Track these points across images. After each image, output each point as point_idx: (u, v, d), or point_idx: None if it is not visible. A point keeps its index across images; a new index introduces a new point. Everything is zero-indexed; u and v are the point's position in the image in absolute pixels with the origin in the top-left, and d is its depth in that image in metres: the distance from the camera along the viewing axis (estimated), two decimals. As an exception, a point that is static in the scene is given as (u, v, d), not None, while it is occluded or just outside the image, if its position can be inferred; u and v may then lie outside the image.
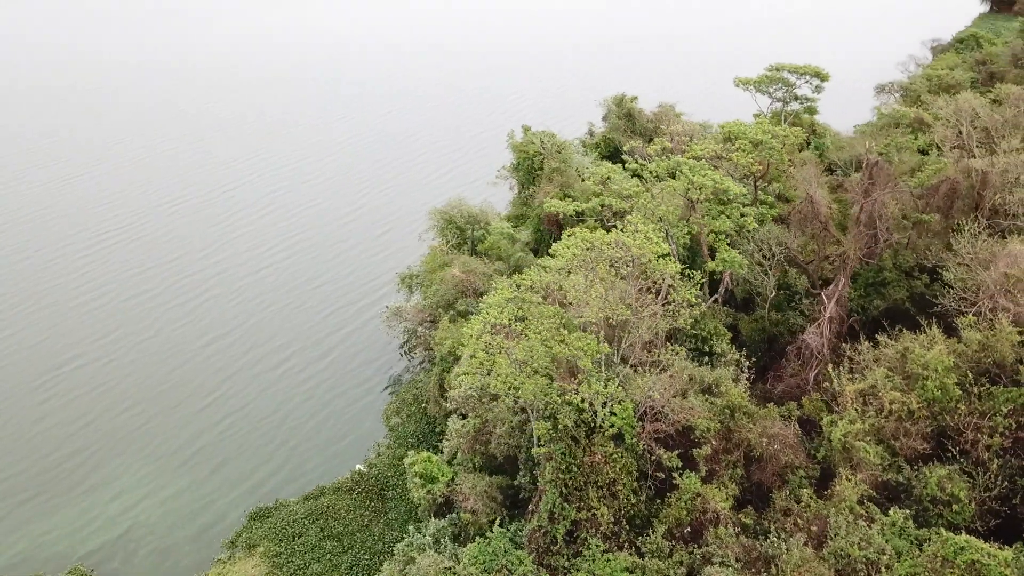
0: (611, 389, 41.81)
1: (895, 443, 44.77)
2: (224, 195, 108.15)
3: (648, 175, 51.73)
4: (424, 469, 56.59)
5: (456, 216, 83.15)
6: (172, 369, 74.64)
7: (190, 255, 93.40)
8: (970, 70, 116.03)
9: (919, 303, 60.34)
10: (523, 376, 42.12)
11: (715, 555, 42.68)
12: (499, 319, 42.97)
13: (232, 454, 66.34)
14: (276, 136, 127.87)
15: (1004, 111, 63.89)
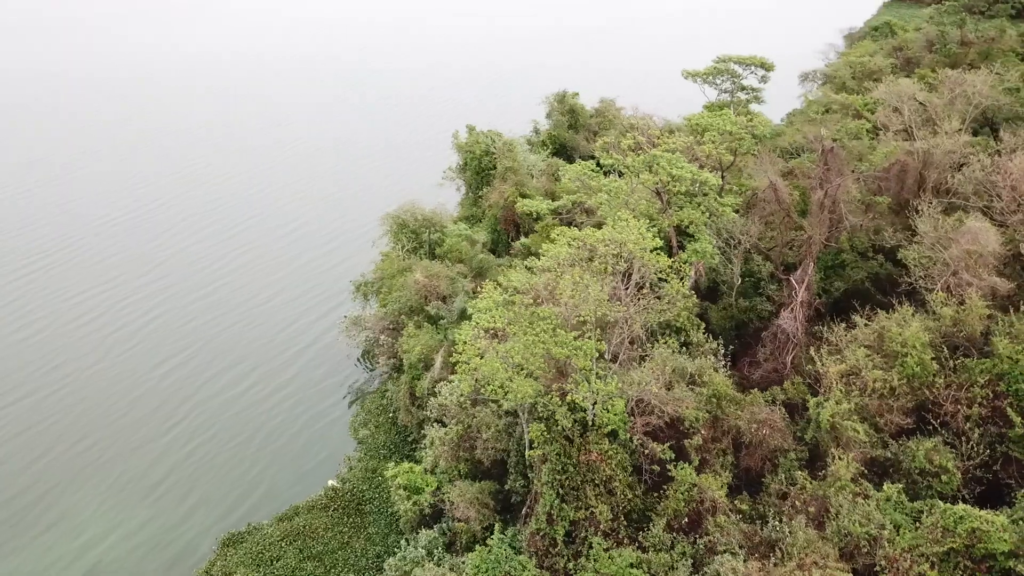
0: (611, 387, 41.62)
1: (879, 420, 46.07)
2: (159, 211, 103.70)
3: (627, 170, 51.80)
4: (408, 480, 55.41)
5: (409, 220, 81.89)
6: (126, 398, 71.01)
7: (130, 276, 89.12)
8: (888, 56, 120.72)
9: (877, 283, 62.46)
10: (520, 379, 41.54)
11: (719, 543, 43.03)
12: (492, 323, 42.24)
13: (198, 480, 63.56)
14: (210, 148, 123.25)
15: (942, 94, 66.57)
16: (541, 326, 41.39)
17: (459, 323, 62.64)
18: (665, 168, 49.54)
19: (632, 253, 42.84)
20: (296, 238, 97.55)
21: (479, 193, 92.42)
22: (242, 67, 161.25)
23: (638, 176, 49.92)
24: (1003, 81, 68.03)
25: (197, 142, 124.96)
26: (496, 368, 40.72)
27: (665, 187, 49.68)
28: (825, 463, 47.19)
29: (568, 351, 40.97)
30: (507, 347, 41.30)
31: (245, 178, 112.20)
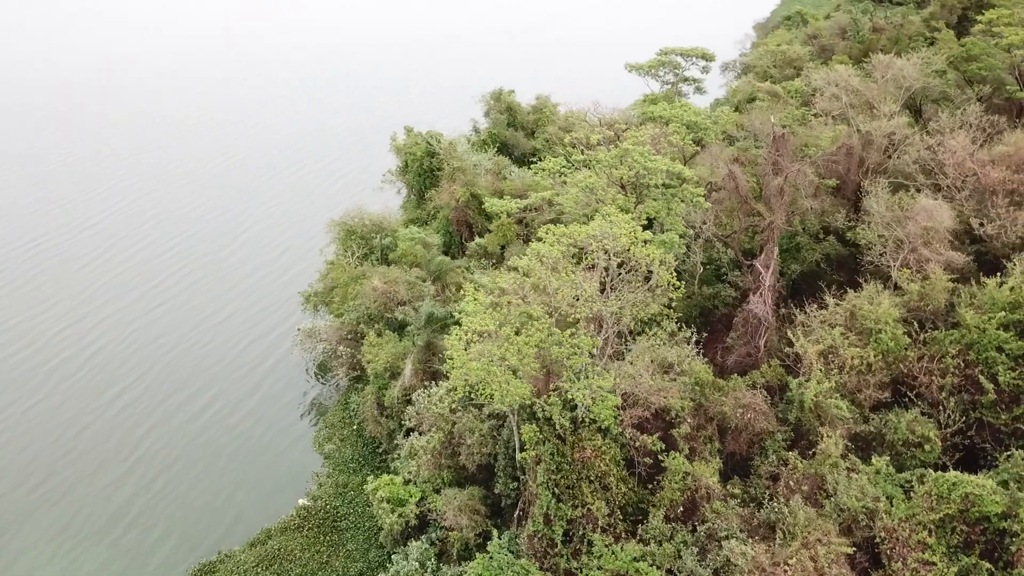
0: (609, 382, 41.44)
1: (859, 396, 47.45)
2: (85, 232, 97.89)
3: (598, 164, 51.69)
4: (390, 493, 54.02)
5: (357, 226, 79.97)
6: (74, 431, 66.80)
7: (60, 303, 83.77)
8: (803, 44, 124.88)
9: (831, 264, 64.46)
10: (516, 381, 40.91)
11: (720, 529, 43.44)
12: (483, 326, 41.44)
13: (160, 512, 60.39)
14: (136, 163, 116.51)
15: (876, 79, 69.14)
16: (536, 326, 40.84)
17: (426, 328, 61.53)
18: (639, 161, 49.77)
19: (623, 247, 42.74)
20: (237, 252, 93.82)
21: (424, 195, 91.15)
22: (163, 75, 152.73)
23: (612, 170, 49.91)
24: (930, 64, 71.20)
25: (120, 157, 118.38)
26: (493, 371, 39.95)
27: (640, 180, 49.86)
28: (810, 442, 48.38)
29: (567, 349, 40.59)
30: (502, 349, 40.56)
31: (175, 193, 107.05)
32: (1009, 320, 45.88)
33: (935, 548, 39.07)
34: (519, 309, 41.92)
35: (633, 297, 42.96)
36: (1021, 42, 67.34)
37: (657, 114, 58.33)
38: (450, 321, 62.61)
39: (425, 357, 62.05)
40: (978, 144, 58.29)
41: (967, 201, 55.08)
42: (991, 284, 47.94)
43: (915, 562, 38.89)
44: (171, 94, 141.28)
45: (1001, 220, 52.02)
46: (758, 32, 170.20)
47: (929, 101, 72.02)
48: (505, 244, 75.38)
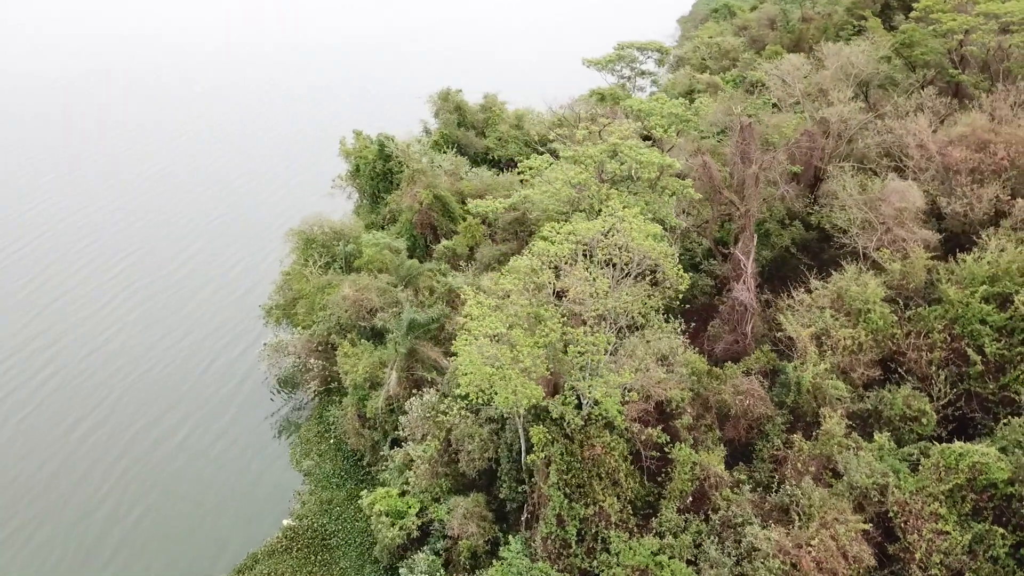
0: (626, 377, 41.21)
1: (852, 375, 48.61)
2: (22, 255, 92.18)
3: (589, 160, 51.32)
4: (388, 506, 52.58)
5: (317, 234, 77.71)
6: (37, 468, 62.76)
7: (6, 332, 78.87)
8: (735, 35, 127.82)
9: (799, 248, 66.02)
10: (530, 383, 40.28)
11: (736, 516, 43.80)
12: (494, 329, 40.61)
13: (140, 546, 57.32)
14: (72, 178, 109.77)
15: (827, 67, 71.12)
16: (549, 325, 40.28)
17: (408, 335, 60.14)
18: (631, 155, 49.70)
19: (634, 241, 42.56)
20: (186, 269, 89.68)
21: (377, 199, 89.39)
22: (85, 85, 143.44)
23: (604, 165, 49.68)
24: (878, 51, 73.67)
25: (46, 174, 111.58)
26: (508, 375, 39.19)
27: (635, 174, 49.84)
28: (806, 424, 49.36)
29: (582, 347, 40.16)
30: (514, 352, 39.84)
31: (111, 209, 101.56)
32: (989, 293, 47.79)
33: (947, 518, 40.33)
34: (526, 310, 41.27)
35: (640, 291, 42.83)
36: (959, 27, 70.37)
37: (636, 108, 58.54)
38: (434, 327, 61.58)
39: (408, 364, 60.73)
40: (933, 127, 60.57)
41: (931, 181, 57.17)
42: (969, 260, 49.88)
43: (930, 532, 40.06)
44: (99, 104, 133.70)
45: (968, 198, 54.11)
46: (682, 26, 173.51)
47: (875, 87, 74.43)
48: (473, 245, 74.50)
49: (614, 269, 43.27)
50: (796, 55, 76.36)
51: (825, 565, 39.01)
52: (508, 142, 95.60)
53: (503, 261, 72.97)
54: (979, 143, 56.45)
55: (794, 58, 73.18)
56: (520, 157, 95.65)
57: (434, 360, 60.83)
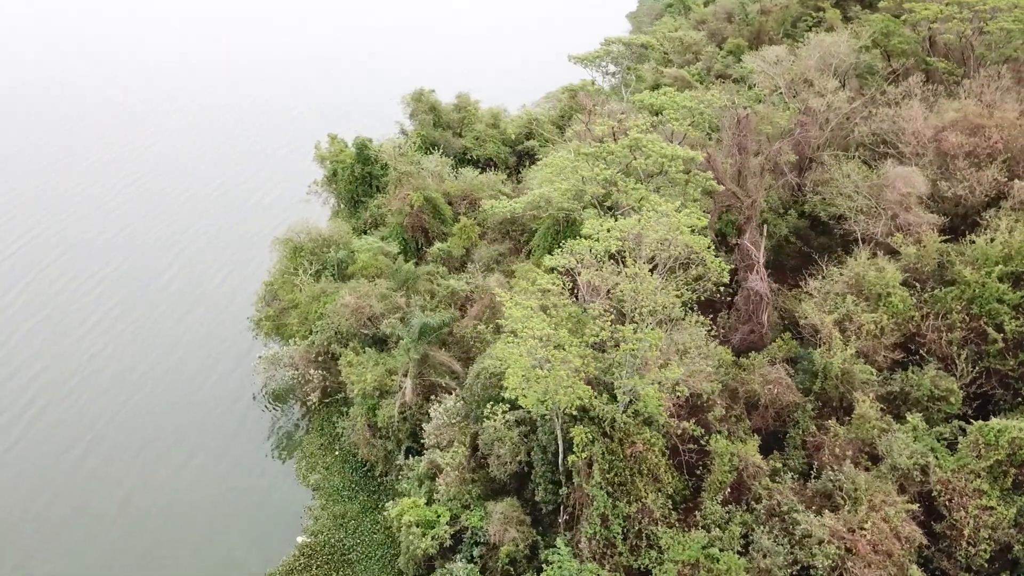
0: (678, 372, 41.03)
1: (876, 359, 49.48)
2: None
3: (611, 156, 50.88)
4: (418, 516, 51.41)
5: (306, 242, 75.68)
6: (33, 501, 59.67)
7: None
8: (692, 29, 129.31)
9: (799, 236, 67.08)
10: (579, 383, 39.79)
11: (782, 504, 44.07)
12: (541, 331, 39.91)
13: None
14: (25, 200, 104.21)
15: (810, 56, 72.37)
16: (598, 323, 39.82)
17: (421, 340, 58.94)
18: (656, 151, 49.56)
19: (676, 238, 42.40)
20: (168, 284, 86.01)
21: (357, 204, 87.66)
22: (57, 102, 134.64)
23: (630, 162, 49.42)
24: (858, 40, 75.33)
25: (24, 190, 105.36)
26: (560, 376, 38.60)
27: (662, 169, 49.76)
28: (832, 409, 50.07)
29: (633, 345, 39.81)
30: (562, 352, 39.27)
31: (83, 225, 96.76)
32: (1003, 272, 49.22)
33: (990, 493, 41.32)
34: (568, 310, 40.74)
35: (680, 286, 42.73)
36: (933, 16, 72.51)
37: (648, 102, 58.44)
38: (444, 331, 60.52)
39: (420, 371, 59.56)
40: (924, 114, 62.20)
41: (929, 167, 58.65)
42: (980, 241, 51.32)
43: (975, 509, 40.97)
44: (68, 121, 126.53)
45: (968, 181, 55.67)
46: (632, 22, 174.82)
47: (854, 76, 76.07)
48: (469, 247, 73.61)
49: (654, 263, 43.05)
50: (779, 47, 77.55)
51: (880, 547, 39.51)
52: (486, 141, 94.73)
53: (500, 262, 72.55)
54: (972, 128, 58.17)
55: (777, 49, 74.25)
56: (500, 156, 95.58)
57: (446, 365, 59.89)
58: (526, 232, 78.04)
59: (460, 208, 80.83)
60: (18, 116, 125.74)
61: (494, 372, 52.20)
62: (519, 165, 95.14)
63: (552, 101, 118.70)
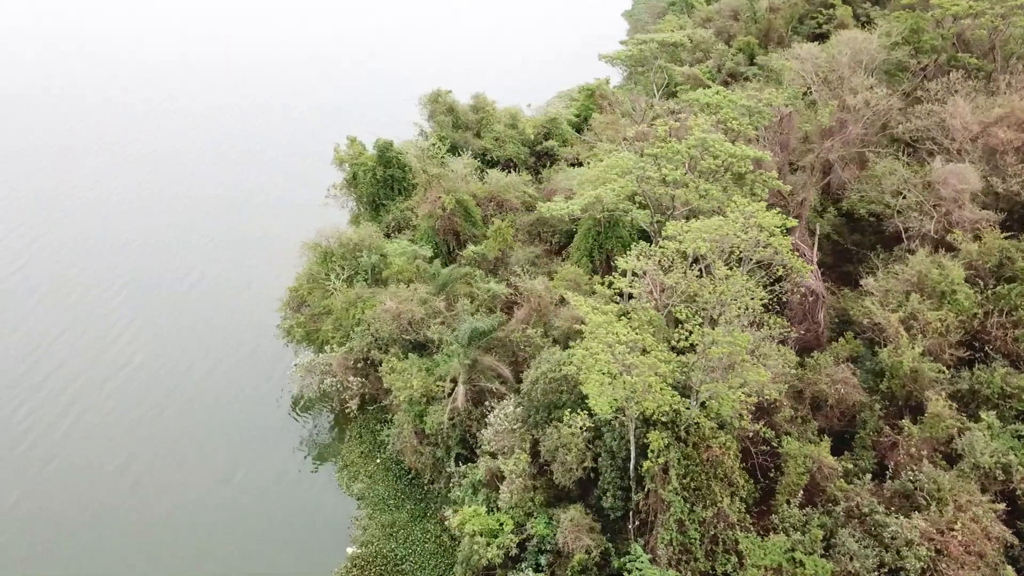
0: (766, 375, 40.42)
1: (942, 356, 49.22)
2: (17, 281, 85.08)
3: (677, 156, 50.07)
4: (481, 525, 50.45)
5: (335, 247, 74.28)
6: (79, 515, 58.29)
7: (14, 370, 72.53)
8: (696, 27, 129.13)
9: (838, 231, 66.84)
10: (668, 388, 39.05)
11: (861, 505, 43.63)
12: (627, 337, 39.11)
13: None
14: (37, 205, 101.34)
15: (843, 53, 72.12)
16: (687, 327, 39.09)
17: (471, 346, 57.91)
18: (724, 150, 48.90)
19: (766, 238, 41.81)
20: (190, 291, 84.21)
21: (378, 207, 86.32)
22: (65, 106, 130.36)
23: (698, 161, 48.77)
24: (890, 37, 75.25)
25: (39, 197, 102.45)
26: (651, 382, 37.85)
27: (731, 168, 49.15)
28: (899, 408, 49.75)
29: (724, 349, 39.13)
30: (651, 358, 38.52)
31: (109, 232, 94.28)
32: (1068, 268, 49.27)
33: (1076, 491, 41.13)
34: (648, 313, 39.99)
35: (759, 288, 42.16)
36: (963, 12, 72.61)
37: (704, 101, 57.84)
38: (494, 335, 59.52)
39: (470, 376, 58.55)
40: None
41: (977, 163, 58.56)
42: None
43: (1062, 507, 40.77)
44: (78, 125, 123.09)
45: (1021, 177, 55.62)
46: (629, 21, 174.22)
47: (882, 72, 76.01)
48: (503, 249, 72.64)
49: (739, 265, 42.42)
50: (811, 44, 77.28)
51: (972, 548, 39.17)
52: (506, 142, 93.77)
53: (536, 263, 71.69)
54: (1019, 123, 58.13)
55: (810, 46, 73.98)
56: (519, 157, 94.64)
57: (495, 369, 58.92)
58: (557, 233, 77.38)
59: (487, 210, 79.95)
60: (28, 119, 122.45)
61: (554, 377, 51.51)
62: (538, 165, 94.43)
63: (565, 100, 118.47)
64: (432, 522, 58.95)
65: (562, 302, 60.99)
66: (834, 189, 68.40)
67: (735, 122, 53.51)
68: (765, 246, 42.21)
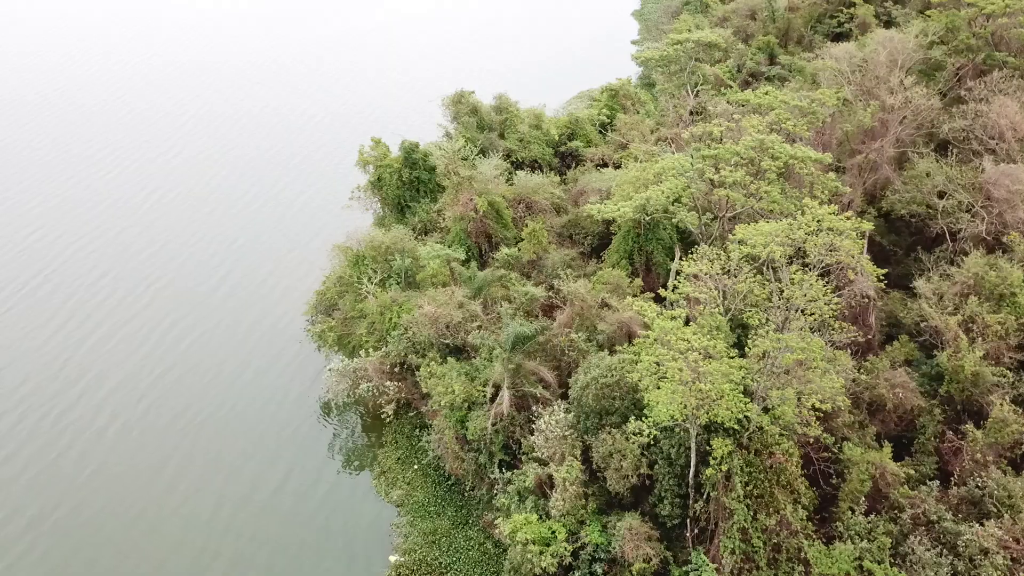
0: (839, 382, 39.63)
1: (1003, 360, 48.49)
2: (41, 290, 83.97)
3: (736, 157, 49.26)
4: (534, 533, 49.56)
5: (367, 250, 73.36)
6: (130, 524, 57.73)
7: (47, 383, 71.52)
8: (713, 27, 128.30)
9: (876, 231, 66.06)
10: (739, 395, 38.23)
11: (928, 512, 42.86)
12: (699, 342, 38.29)
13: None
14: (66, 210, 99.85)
15: (878, 52, 71.36)
16: (763, 331, 38.28)
17: (515, 351, 57.01)
18: (784, 152, 48.11)
19: (840, 242, 41.01)
20: (213, 297, 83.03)
21: (404, 210, 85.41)
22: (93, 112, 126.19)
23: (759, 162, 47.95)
24: (926, 36, 74.52)
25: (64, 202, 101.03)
26: (724, 389, 37.03)
27: (788, 167, 48.36)
28: (957, 412, 49.00)
29: (800, 354, 38.34)
30: (723, 365, 37.68)
31: (121, 243, 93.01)
32: None
33: None
34: (716, 319, 39.17)
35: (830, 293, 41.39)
36: (1000, 10, 71.95)
37: (755, 102, 57.05)
38: (538, 339, 58.60)
39: (513, 381, 57.67)
40: (1013, 109, 61.41)
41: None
42: (1100, 238, 50.63)
43: None
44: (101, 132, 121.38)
45: (1076, 177, 54.96)
46: (639, 21, 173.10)
47: (916, 72, 75.24)
48: (538, 252, 71.76)
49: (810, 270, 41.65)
50: (847, 43, 76.50)
51: (1051, 557, 38.46)
52: (530, 143, 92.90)
53: (572, 267, 70.72)
54: (1068, 123, 57.52)
55: (847, 46, 73.20)
56: (544, 158, 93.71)
57: (538, 374, 58.05)
58: (589, 236, 76.52)
59: (516, 212, 79.09)
60: (59, 126, 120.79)
61: (607, 383, 50.68)
62: (562, 166, 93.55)
63: (585, 100, 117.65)
64: (475, 529, 58.14)
65: (604, 306, 60.17)
66: (872, 189, 67.62)
67: (789, 123, 52.73)
68: (834, 249, 41.35)
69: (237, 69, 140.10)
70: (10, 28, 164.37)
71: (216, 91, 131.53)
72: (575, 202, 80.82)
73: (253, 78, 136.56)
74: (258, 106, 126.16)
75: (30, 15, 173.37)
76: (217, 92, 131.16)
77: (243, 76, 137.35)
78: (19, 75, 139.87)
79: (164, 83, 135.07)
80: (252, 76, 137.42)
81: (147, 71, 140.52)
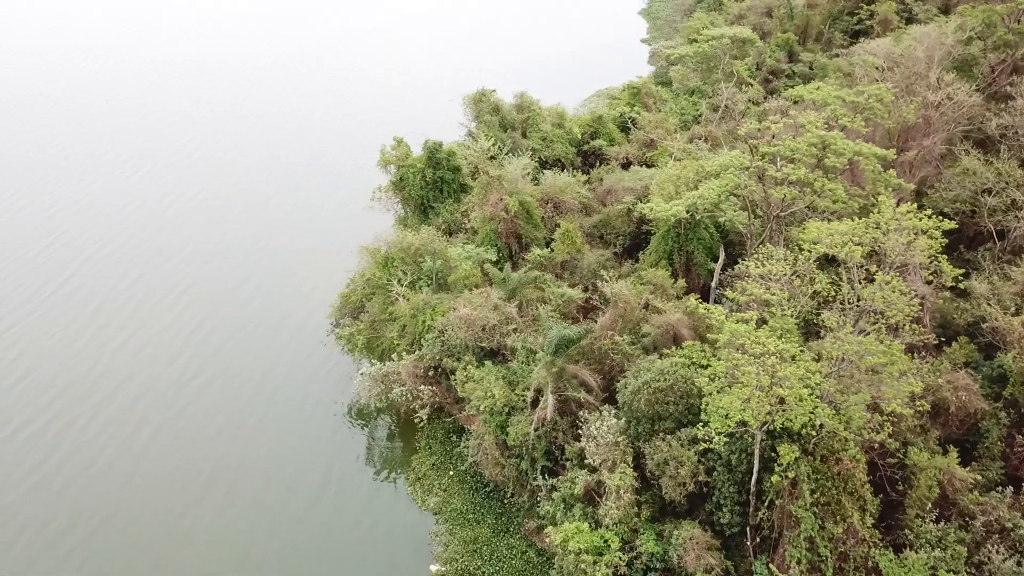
0: (918, 386, 38.23)
1: (1070, 361, 47.19)
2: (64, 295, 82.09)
3: (794, 154, 47.85)
4: (587, 543, 48.06)
5: (396, 252, 71.76)
6: (165, 535, 56.12)
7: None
8: (732, 24, 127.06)
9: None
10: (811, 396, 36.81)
11: (1002, 519, 41.54)
12: (776, 346, 36.84)
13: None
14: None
15: (915, 48, 70.19)
16: (840, 335, 36.95)
17: (558, 354, 55.46)
18: (848, 148, 46.75)
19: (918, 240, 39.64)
20: (228, 295, 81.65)
21: (427, 210, 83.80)
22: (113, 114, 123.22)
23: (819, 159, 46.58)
24: (964, 31, 73.32)
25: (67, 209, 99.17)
26: (802, 393, 35.62)
27: (856, 166, 47.07)
28: (1022, 416, 47.68)
29: (878, 359, 36.98)
30: (801, 369, 36.28)
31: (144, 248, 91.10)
32: None
33: None
34: (787, 322, 37.75)
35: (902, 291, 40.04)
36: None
37: (809, 97, 55.65)
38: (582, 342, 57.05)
39: (556, 385, 56.17)
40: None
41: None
42: None
43: None
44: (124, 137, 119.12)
45: None
46: (647, 20, 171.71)
47: (952, 68, 74.00)
48: (571, 253, 70.24)
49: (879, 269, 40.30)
50: (883, 39, 75.26)
51: None
52: (553, 142, 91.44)
53: (607, 267, 69.24)
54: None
55: (884, 41, 71.96)
56: (567, 157, 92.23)
57: (581, 378, 56.55)
58: (621, 235, 75.10)
59: (544, 212, 77.60)
60: (81, 130, 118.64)
61: (659, 387, 49.25)
62: (584, 165, 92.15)
63: (604, 98, 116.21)
64: (516, 537, 56.68)
65: (647, 307, 58.76)
66: (917, 186, 66.37)
67: (846, 119, 51.37)
68: (909, 246, 40.00)
69: (238, 69, 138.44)
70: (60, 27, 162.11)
71: (219, 93, 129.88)
72: (602, 201, 79.44)
73: (258, 79, 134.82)
74: (271, 107, 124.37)
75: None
76: (220, 93, 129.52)
77: (244, 76, 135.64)
78: (41, 75, 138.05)
79: (174, 84, 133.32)
80: (254, 77, 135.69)
81: (155, 72, 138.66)
